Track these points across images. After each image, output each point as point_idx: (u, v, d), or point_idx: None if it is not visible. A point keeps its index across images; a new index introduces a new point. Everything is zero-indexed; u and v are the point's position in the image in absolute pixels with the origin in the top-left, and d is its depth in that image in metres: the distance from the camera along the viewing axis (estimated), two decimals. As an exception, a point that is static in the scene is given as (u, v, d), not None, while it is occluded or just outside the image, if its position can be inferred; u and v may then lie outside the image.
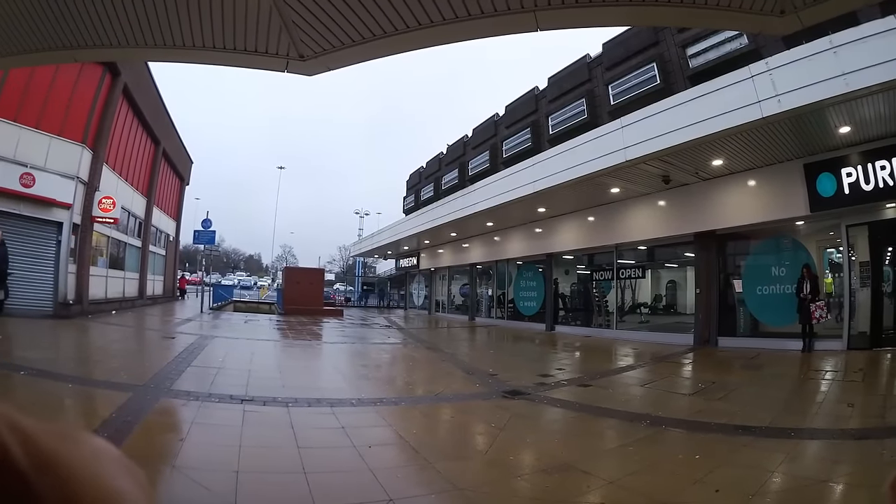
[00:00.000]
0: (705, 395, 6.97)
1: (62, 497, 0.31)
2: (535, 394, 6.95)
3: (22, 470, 0.30)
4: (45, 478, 0.31)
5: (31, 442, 0.31)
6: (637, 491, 3.62)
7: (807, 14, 3.15)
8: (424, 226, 21.58)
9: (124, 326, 13.07)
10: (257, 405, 5.47)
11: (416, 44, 3.56)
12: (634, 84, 15.20)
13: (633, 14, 3.63)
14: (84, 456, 0.35)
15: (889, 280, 10.61)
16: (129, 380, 6.14)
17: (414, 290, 34.08)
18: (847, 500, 3.51)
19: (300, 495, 3.34)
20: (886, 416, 5.42)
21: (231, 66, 3.96)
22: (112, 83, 15.50)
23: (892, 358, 9.08)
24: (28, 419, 0.32)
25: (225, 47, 3.74)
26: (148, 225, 21.48)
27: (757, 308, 11.75)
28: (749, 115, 8.45)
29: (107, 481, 0.35)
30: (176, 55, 3.79)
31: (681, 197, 12.73)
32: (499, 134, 23.34)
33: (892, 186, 9.02)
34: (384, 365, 10.20)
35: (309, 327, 16.54)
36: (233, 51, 3.77)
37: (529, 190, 13.71)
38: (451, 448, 4.75)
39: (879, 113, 8.32)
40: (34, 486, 0.30)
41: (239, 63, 3.89)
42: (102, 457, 0.37)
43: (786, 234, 11.53)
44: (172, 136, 24.62)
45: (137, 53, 3.84)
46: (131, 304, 19.20)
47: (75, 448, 0.35)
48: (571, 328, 17.50)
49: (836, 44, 7.58)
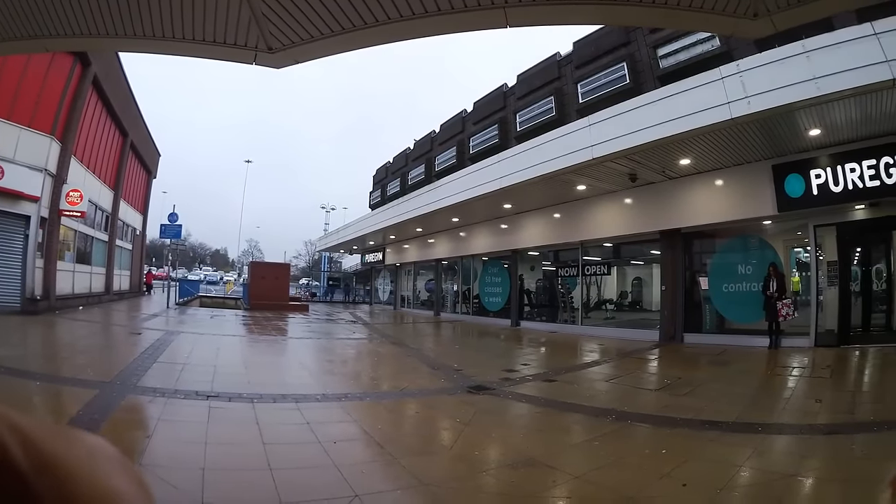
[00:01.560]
0: (671, 391, 7.06)
1: (61, 497, 0.31)
2: (500, 389, 6.98)
3: (21, 470, 0.30)
4: (45, 478, 0.31)
5: (31, 442, 0.31)
6: (603, 485, 3.64)
7: (780, 18, 3.17)
8: (390, 221, 21.47)
9: (91, 322, 12.88)
10: (223, 401, 5.43)
11: (385, 38, 3.53)
12: (604, 83, 15.25)
13: (605, 13, 3.63)
14: (83, 456, 0.35)
15: (857, 279, 10.88)
16: (95, 377, 6.10)
17: (379, 286, 33.92)
18: (817, 494, 3.55)
19: (266, 492, 3.31)
20: (856, 412, 5.50)
21: (200, 57, 3.91)
22: (82, 73, 15.19)
23: (861, 355, 9.26)
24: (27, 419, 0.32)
25: (194, 38, 3.69)
26: (115, 219, 21.14)
27: (723, 305, 11.91)
28: (718, 116, 8.53)
29: (105, 481, 0.35)
30: (146, 46, 3.75)
31: (647, 195, 12.83)
32: (466, 130, 23.25)
33: (862, 188, 9.19)
34: (349, 360, 10.19)
35: (274, 322, 16.47)
36: (202, 42, 3.72)
37: (496, 186, 13.68)
38: (417, 443, 4.75)
39: (851, 117, 8.47)
40: (33, 486, 0.30)
41: (208, 54, 3.85)
42: (101, 457, 0.37)
43: (753, 234, 11.69)
44: (140, 128, 24.27)
45: (108, 44, 3.80)
46: (98, 299, 18.86)
47: (74, 448, 0.35)
48: (537, 324, 17.55)
49: (810, 48, 7.67)
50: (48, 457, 0.32)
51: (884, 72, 7.04)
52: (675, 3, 3.26)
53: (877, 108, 8.12)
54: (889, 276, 10.53)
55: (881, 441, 4.47)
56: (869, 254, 11.26)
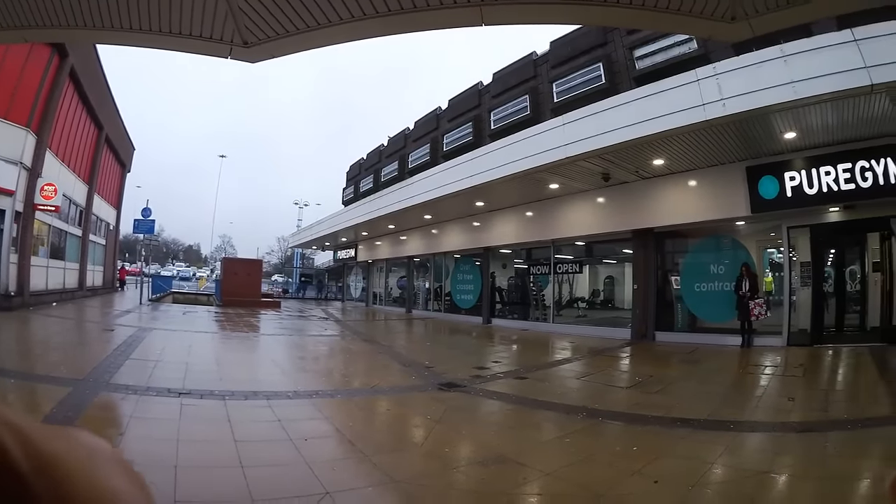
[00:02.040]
0: (642, 389, 7.12)
1: (61, 497, 0.31)
2: (470, 386, 7.00)
3: (21, 470, 0.30)
4: (44, 478, 0.31)
5: (30, 442, 0.31)
6: (574, 482, 3.66)
7: (758, 22, 3.19)
8: (363, 217, 21.39)
9: (65, 318, 12.72)
10: (195, 398, 5.39)
11: (359, 34, 3.53)
12: (579, 83, 15.31)
13: (581, 13, 3.65)
14: (82, 456, 0.35)
15: (831, 280, 11.08)
16: (69, 374, 6.04)
17: (351, 282, 33.77)
18: (790, 491, 3.58)
19: (238, 490, 3.29)
20: (829, 410, 5.57)
21: (176, 50, 3.91)
22: (60, 65, 14.91)
23: (834, 354, 9.39)
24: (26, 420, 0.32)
25: (171, 31, 3.68)
26: (89, 213, 20.79)
27: (695, 304, 12.03)
28: (693, 118, 8.59)
29: (105, 481, 0.35)
30: (123, 38, 3.74)
31: (620, 194, 12.89)
32: (440, 127, 23.23)
33: (837, 191, 9.35)
34: (321, 357, 10.17)
35: (246, 319, 16.36)
36: (178, 35, 3.71)
37: (468, 184, 13.64)
38: (388, 441, 4.76)
39: (827, 121, 8.60)
40: (33, 487, 0.30)
41: (184, 48, 3.83)
42: (101, 457, 0.37)
43: (725, 234, 11.82)
44: (116, 122, 23.90)
45: (86, 35, 3.81)
46: (71, 295, 18.57)
47: (74, 448, 0.35)
48: (508, 321, 17.58)
49: (788, 52, 7.77)
50: (48, 457, 0.32)
51: (862, 77, 7.16)
52: (652, 4, 3.28)
53: (854, 113, 8.26)
54: (863, 277, 10.72)
55: (855, 439, 4.53)
56: (843, 255, 11.48)
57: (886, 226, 9.79)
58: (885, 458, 4.07)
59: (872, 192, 9.08)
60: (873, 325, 10.09)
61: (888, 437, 4.54)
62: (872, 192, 9.07)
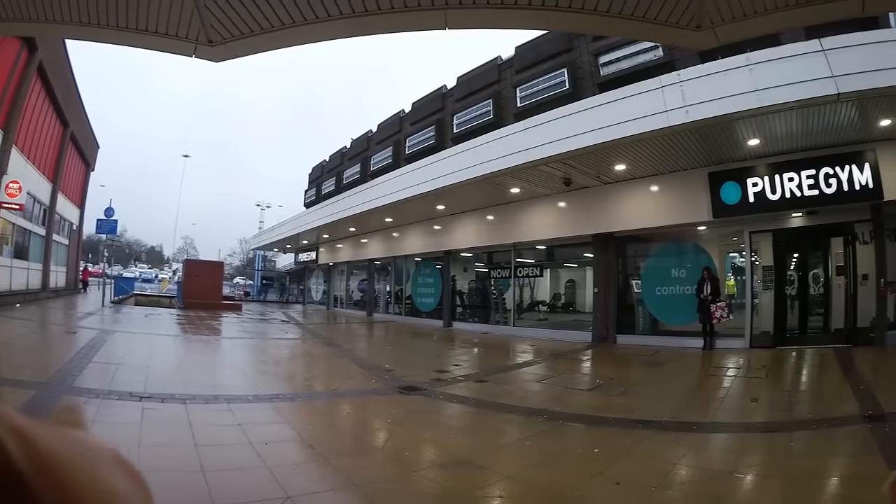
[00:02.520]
0: (604, 391, 7.18)
1: (61, 497, 0.31)
2: (431, 390, 7.00)
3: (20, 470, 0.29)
4: (44, 478, 0.30)
5: (30, 442, 0.30)
6: (535, 485, 3.69)
7: (724, 31, 3.24)
8: (324, 220, 21.21)
9: (28, 320, 12.44)
10: (156, 402, 5.32)
11: (324, 35, 3.53)
12: (543, 88, 15.39)
13: (545, 19, 3.68)
14: (83, 456, 0.35)
15: (794, 284, 11.34)
16: (32, 377, 5.96)
17: (313, 285, 33.51)
18: (755, 490, 3.62)
19: (200, 494, 3.26)
20: (794, 411, 5.64)
21: (141, 47, 3.89)
22: (28, 59, 14.56)
23: (798, 356, 9.54)
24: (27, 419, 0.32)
25: (137, 28, 3.66)
26: (53, 212, 20.33)
27: (656, 308, 12.15)
28: (655, 124, 8.67)
29: (105, 482, 0.35)
30: (90, 34, 3.73)
31: (581, 199, 12.96)
32: (403, 130, 23.16)
33: (800, 197, 9.56)
34: (282, 361, 10.11)
35: (208, 322, 16.17)
36: (144, 32, 3.68)
37: (430, 187, 13.58)
38: (348, 444, 4.74)
39: (791, 129, 8.78)
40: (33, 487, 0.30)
41: (149, 45, 3.81)
42: (101, 457, 0.37)
43: (687, 239, 11.97)
44: (82, 119, 23.47)
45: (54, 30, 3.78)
46: (35, 296, 18.12)
47: (74, 448, 0.35)
48: (469, 325, 17.50)
49: (754, 61, 7.91)
50: (48, 457, 0.31)
51: (829, 87, 7.33)
52: (616, 11, 3.31)
53: (819, 122, 8.45)
54: (827, 280, 10.98)
55: (820, 437, 4.60)
56: (806, 259, 11.72)
57: (850, 231, 10.02)
58: (850, 456, 4.14)
59: (836, 199, 9.30)
60: (837, 327, 10.28)
61: (853, 435, 4.60)
62: (837, 198, 9.29)
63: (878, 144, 9.11)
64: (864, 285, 9.80)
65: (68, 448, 0.34)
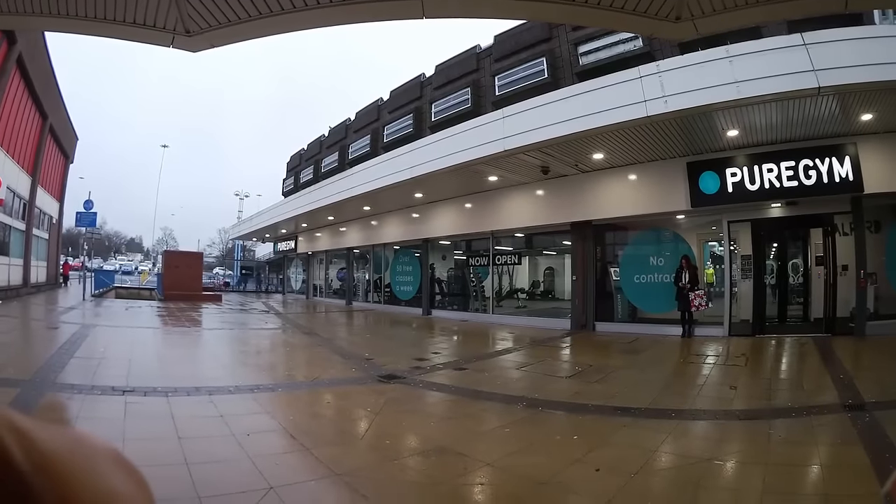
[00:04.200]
0: (583, 378, 7.20)
1: (61, 497, 0.31)
2: (410, 378, 7.02)
3: (21, 470, 0.30)
4: (45, 478, 0.31)
5: (31, 442, 0.31)
6: (515, 472, 3.72)
7: (703, 23, 3.27)
8: (303, 208, 21.18)
9: (9, 317, 12.28)
10: (138, 396, 5.31)
11: (301, 24, 3.52)
12: (522, 77, 15.49)
13: (523, 8, 3.69)
14: (83, 456, 0.35)
15: (773, 273, 11.50)
16: (16, 374, 5.92)
17: (292, 275, 33.50)
18: (735, 476, 3.65)
19: (183, 487, 3.25)
20: (773, 399, 5.67)
21: (119, 38, 3.91)
22: (8, 51, 14.30)
23: (777, 344, 9.67)
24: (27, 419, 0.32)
25: (115, 19, 3.67)
26: (32, 206, 20.07)
27: (635, 295, 12.28)
28: (633, 114, 8.72)
29: (106, 481, 0.35)
30: (67, 25, 3.73)
31: (559, 187, 13.04)
32: (381, 118, 23.21)
33: (779, 188, 9.70)
34: (262, 351, 10.10)
35: (188, 313, 16.14)
36: (121, 23, 3.69)
37: (408, 175, 13.63)
38: (329, 434, 4.74)
39: (771, 121, 8.89)
40: (33, 486, 0.30)
41: (126, 36, 3.82)
42: (102, 457, 0.37)
43: (665, 227, 12.10)
44: (60, 111, 23.14)
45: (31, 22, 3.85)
46: (16, 292, 17.91)
47: (75, 448, 0.35)
48: (448, 312, 17.64)
49: (734, 53, 7.99)
50: (48, 457, 0.31)
51: (810, 80, 7.45)
52: (595, 1, 3.33)
53: (799, 114, 8.57)
54: (806, 270, 11.15)
55: (799, 425, 4.65)
56: (786, 249, 11.89)
57: (830, 222, 10.19)
58: (830, 445, 4.16)
59: (816, 190, 9.47)
60: (817, 317, 10.46)
61: (833, 424, 4.64)
62: (816, 189, 9.45)
63: (859, 138, 9.28)
64: (843, 276, 9.98)
65: (68, 448, 0.34)
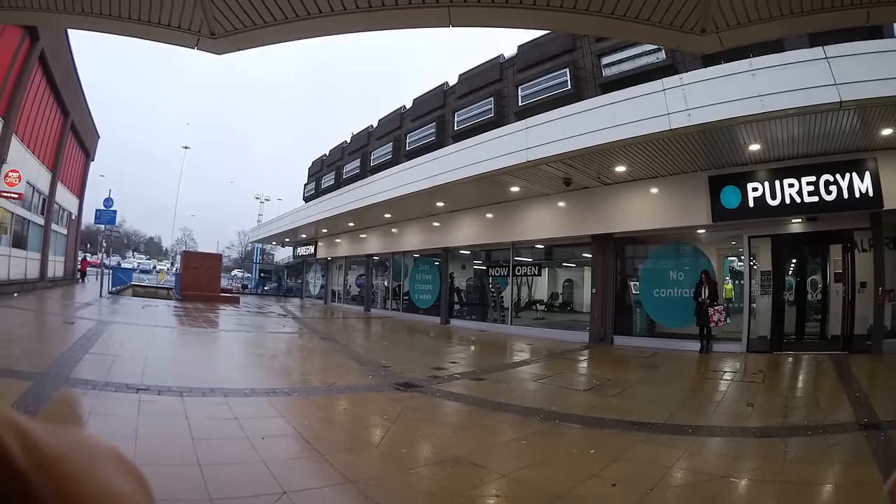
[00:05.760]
0: (600, 392, 7.14)
1: (62, 497, 0.31)
2: (427, 387, 6.99)
3: (21, 469, 0.30)
4: (45, 477, 0.31)
5: (31, 442, 0.31)
6: (530, 484, 3.68)
7: (728, 36, 3.23)
8: (323, 214, 21.20)
9: (26, 310, 12.44)
10: (153, 394, 5.31)
11: (327, 30, 3.52)
12: (545, 87, 15.45)
13: (551, 19, 3.67)
14: (84, 455, 0.35)
15: (792, 289, 11.35)
16: (29, 367, 5.95)
17: (311, 279, 33.62)
18: (750, 495, 3.60)
19: (195, 488, 3.25)
20: (789, 416, 5.60)
21: (143, 38, 3.91)
22: (30, 48, 14.54)
23: (794, 362, 9.52)
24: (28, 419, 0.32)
25: (140, 18, 3.67)
26: (52, 202, 20.35)
27: (654, 310, 12.13)
28: (657, 126, 8.64)
29: (106, 481, 0.35)
30: (93, 23, 3.74)
31: (581, 199, 12.96)
32: (404, 126, 23.25)
33: (800, 203, 9.56)
34: (279, 355, 10.08)
35: (205, 314, 16.19)
36: (146, 23, 3.69)
37: (429, 184, 13.55)
38: (344, 440, 4.72)
39: (792, 135, 8.76)
40: (34, 486, 0.30)
41: (151, 36, 3.83)
42: (102, 456, 0.37)
43: (686, 241, 11.99)
44: (82, 108, 23.44)
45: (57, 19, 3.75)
46: (33, 286, 18.14)
47: (75, 448, 0.35)
48: (466, 322, 17.58)
49: (757, 66, 7.90)
50: (48, 457, 0.31)
51: (832, 94, 7.33)
52: (621, 13, 3.30)
53: (821, 129, 8.45)
54: (825, 287, 10.99)
55: (815, 444, 4.56)
56: (805, 265, 11.74)
57: (850, 238, 10.04)
58: (845, 464, 4.10)
59: (836, 206, 9.31)
60: (834, 334, 10.31)
61: (848, 443, 4.58)
62: (836, 205, 9.30)
63: (879, 153, 9.13)
64: (861, 293, 9.82)
65: (69, 447, 0.34)
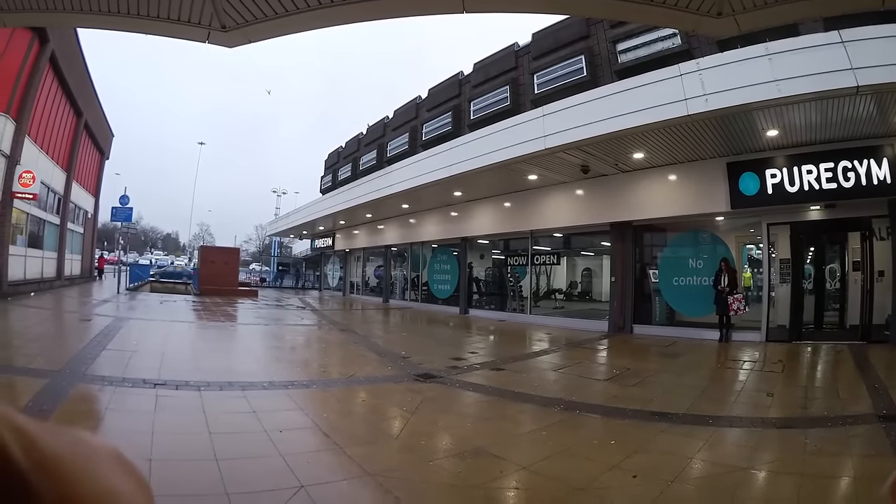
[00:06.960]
0: (620, 381, 7.10)
1: (62, 496, 0.31)
2: (447, 377, 6.95)
3: (21, 469, 0.29)
4: (45, 477, 0.30)
5: (31, 442, 0.31)
6: (551, 476, 3.64)
7: (744, 19, 3.17)
8: (341, 206, 21.26)
9: (42, 309, 12.57)
10: (170, 389, 5.33)
11: (339, 18, 3.48)
12: (560, 74, 15.31)
13: (566, 3, 3.61)
14: (84, 455, 0.35)
15: (810, 278, 11.18)
16: (46, 365, 5.99)
17: (329, 271, 33.62)
18: (770, 486, 3.56)
19: (212, 483, 3.24)
20: (808, 407, 5.56)
21: (154, 34, 3.90)
22: (40, 50, 14.67)
23: (813, 351, 9.44)
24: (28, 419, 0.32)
25: (149, 14, 3.67)
26: (67, 201, 20.49)
27: (673, 298, 12.04)
28: (674, 112, 8.55)
29: (106, 481, 0.35)
30: (102, 21, 3.74)
31: (599, 187, 12.88)
32: (420, 117, 23.17)
33: (818, 190, 9.42)
34: (297, 347, 10.10)
35: (223, 308, 16.27)
36: (156, 18, 3.69)
37: (446, 173, 13.54)
38: (363, 432, 4.69)
39: (810, 120, 8.63)
40: (34, 486, 0.30)
41: (161, 31, 3.83)
42: (102, 456, 0.37)
43: (705, 229, 11.87)
44: (95, 108, 23.58)
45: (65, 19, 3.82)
46: (49, 285, 18.33)
47: (75, 448, 0.35)
48: (485, 312, 17.56)
49: (773, 51, 7.78)
50: (48, 457, 0.31)
51: (848, 79, 7.20)
52: (638, -5, 3.26)
53: (838, 114, 8.31)
54: (843, 276, 10.83)
55: (834, 435, 4.53)
56: (823, 253, 11.56)
57: (868, 226, 9.90)
58: (863, 456, 4.05)
59: (854, 193, 9.17)
60: (853, 323, 10.15)
61: (867, 435, 4.54)
62: (854, 192, 9.16)
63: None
64: (880, 282, 9.68)
65: (69, 447, 0.34)
